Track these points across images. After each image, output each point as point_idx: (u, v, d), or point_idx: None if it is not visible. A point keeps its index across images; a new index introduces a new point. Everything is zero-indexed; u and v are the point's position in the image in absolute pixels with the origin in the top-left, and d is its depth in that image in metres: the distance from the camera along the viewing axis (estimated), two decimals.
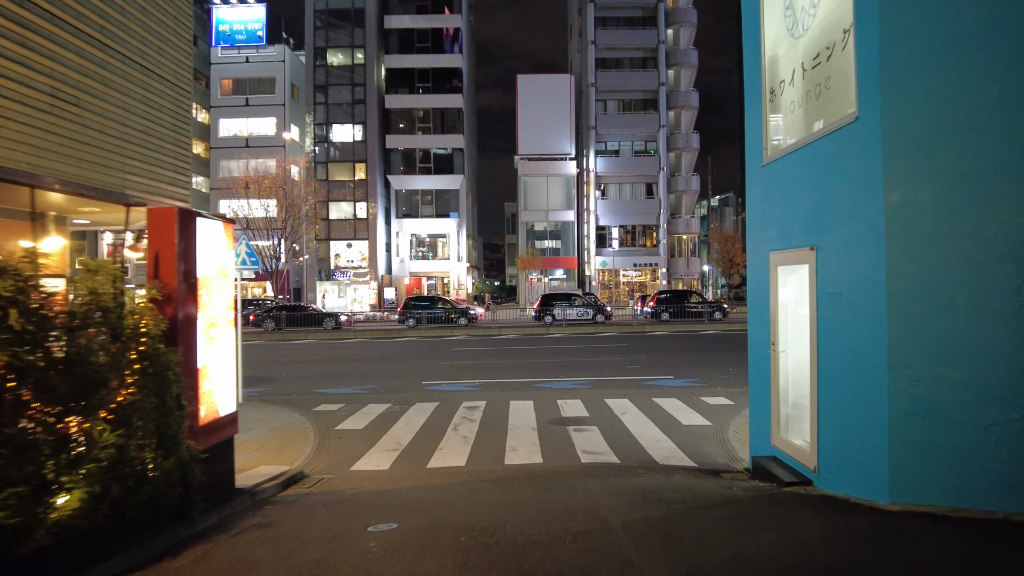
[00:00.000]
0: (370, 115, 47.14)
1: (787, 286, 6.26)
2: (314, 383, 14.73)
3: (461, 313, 30.93)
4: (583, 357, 18.26)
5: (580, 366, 16.37)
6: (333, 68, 47.91)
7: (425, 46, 47.52)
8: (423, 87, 47.25)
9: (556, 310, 30.79)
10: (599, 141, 47.95)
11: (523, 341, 23.80)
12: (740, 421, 9.30)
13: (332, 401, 12.03)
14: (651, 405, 10.86)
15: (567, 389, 12.97)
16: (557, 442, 8.32)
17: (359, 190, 47.13)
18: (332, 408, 11.24)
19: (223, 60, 47.89)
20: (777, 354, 6.25)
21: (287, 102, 47.92)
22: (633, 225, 48.35)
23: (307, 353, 21.37)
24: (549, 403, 11.25)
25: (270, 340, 26.37)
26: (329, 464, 7.64)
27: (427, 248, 48.82)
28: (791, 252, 5.97)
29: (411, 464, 7.45)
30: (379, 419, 10.14)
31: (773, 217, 6.38)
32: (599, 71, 47.87)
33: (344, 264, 47.24)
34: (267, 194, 39.26)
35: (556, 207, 47.76)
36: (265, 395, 13.20)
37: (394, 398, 12.16)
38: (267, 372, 16.76)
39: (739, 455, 7.66)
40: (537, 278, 47.45)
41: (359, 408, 11.18)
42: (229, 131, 47.94)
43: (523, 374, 15.18)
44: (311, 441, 8.71)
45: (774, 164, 6.32)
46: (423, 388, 13.61)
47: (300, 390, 13.80)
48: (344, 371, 16.62)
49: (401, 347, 22.49)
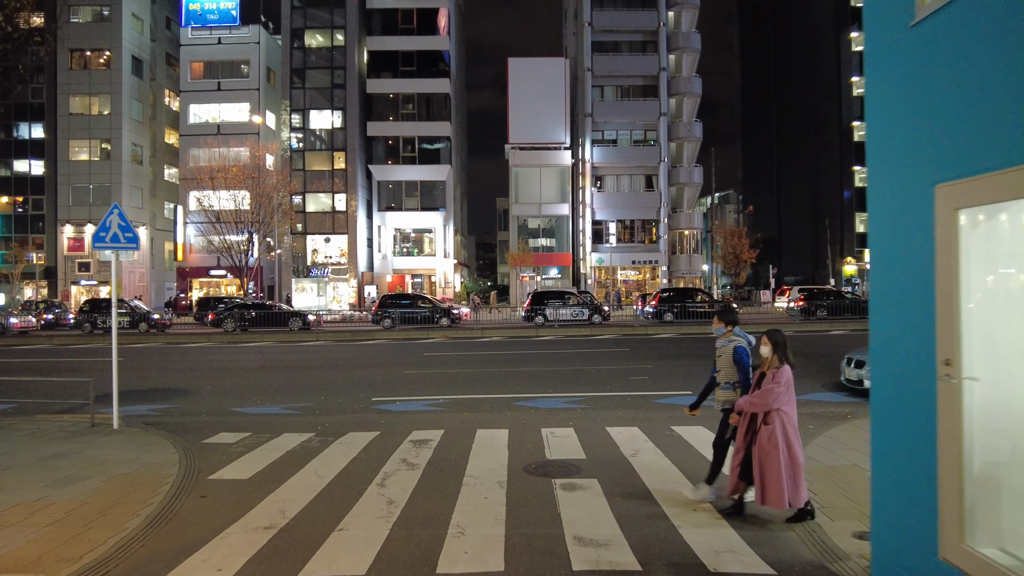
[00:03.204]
0: (350, 101, 44.01)
1: (981, 252, 3.21)
2: (238, 398, 11.65)
3: (443, 313, 27.86)
4: (577, 365, 15.19)
5: (573, 377, 13.30)
6: (311, 50, 44.79)
7: (410, 27, 44.45)
8: (408, 71, 44.16)
9: (548, 310, 27.75)
10: (595, 130, 44.93)
11: (509, 345, 20.72)
12: (811, 467, 6.25)
13: (239, 427, 8.93)
14: (671, 438, 7.80)
15: (556, 410, 9.90)
16: (535, 515, 5.23)
17: (338, 181, 43.96)
18: (230, 440, 8.14)
19: (193, 41, 44.66)
20: (959, 386, 3.18)
21: (262, 87, 44.72)
22: (631, 220, 45.32)
23: (254, 358, 18.23)
24: (530, 433, 8.18)
25: (220, 342, 23.21)
26: (146, 558, 4.54)
27: (412, 244, 45.69)
28: (994, 179, 2.92)
29: (276, 567, 4.35)
30: (281, 461, 7.04)
31: (943, 119, 3.30)
32: (596, 55, 44.85)
33: (322, 260, 44.09)
34: (237, 184, 36.13)
35: (550, 200, 44.66)
36: (162, 415, 10.12)
37: (324, 424, 9.08)
38: (191, 382, 13.66)
39: (834, 543, 4.60)
40: (530, 276, 44.36)
41: (267, 440, 8.08)
42: (200, 117, 44.71)
43: (502, 387, 12.11)
44: (154, 503, 5.62)
45: (945, 14, 3.25)
46: (370, 407, 10.53)
47: (212, 408, 10.72)
48: (284, 382, 13.51)
49: (367, 351, 19.37)
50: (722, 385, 5.60)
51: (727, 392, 5.51)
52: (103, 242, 8.37)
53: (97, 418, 9.16)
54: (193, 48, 44.63)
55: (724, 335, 5.66)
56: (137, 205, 45.35)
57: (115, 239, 8.43)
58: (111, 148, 43.62)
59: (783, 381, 4.88)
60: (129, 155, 44.38)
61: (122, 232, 8.47)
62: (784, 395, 4.87)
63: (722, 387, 5.60)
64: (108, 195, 43.32)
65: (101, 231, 8.36)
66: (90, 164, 43.52)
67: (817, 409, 9.59)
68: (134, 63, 44.97)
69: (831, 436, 7.61)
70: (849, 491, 5.62)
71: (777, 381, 4.88)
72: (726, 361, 5.53)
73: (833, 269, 53.71)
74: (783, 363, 4.97)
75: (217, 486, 6.18)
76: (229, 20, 44.80)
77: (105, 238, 8.38)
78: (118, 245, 8.48)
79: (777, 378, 4.90)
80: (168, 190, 49.48)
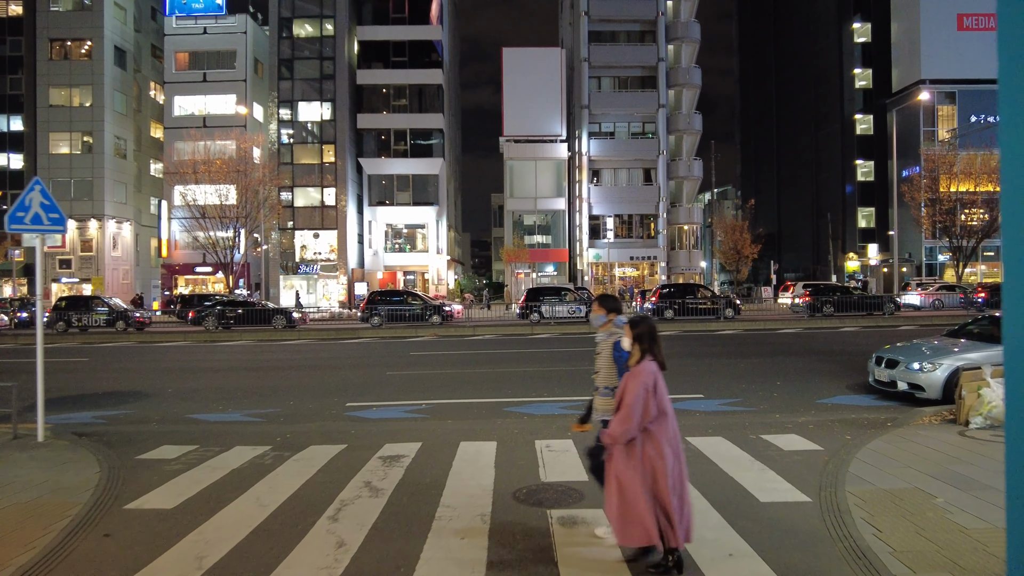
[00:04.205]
0: (340, 92, 42.70)
1: None
2: (199, 403, 10.46)
3: (435, 310, 26.64)
4: (575, 364, 14.01)
5: (570, 378, 12.12)
6: (300, 40, 43.45)
7: (401, 17, 43.17)
8: (399, 62, 42.87)
9: (544, 307, 26.56)
10: (592, 122, 43.73)
11: (502, 343, 19.53)
12: (864, 492, 5.08)
13: (188, 438, 7.72)
14: (688, 453, 6.57)
15: (551, 417, 8.72)
16: (526, 568, 4.03)
17: (328, 175, 42.66)
18: (171, 455, 6.93)
19: (178, 31, 43.23)
20: None
21: (249, 78, 43.36)
22: (629, 214, 44.15)
23: (229, 358, 17.00)
24: (522, 446, 7.00)
25: (197, 341, 21.95)
26: None
27: (403, 239, 44.43)
28: None
29: None
30: (222, 484, 5.84)
31: None
32: (593, 45, 43.62)
33: (311, 256, 42.80)
34: (220, 177, 34.83)
35: (545, 194, 43.43)
36: (107, 423, 8.92)
37: (285, 434, 7.88)
38: (154, 384, 12.43)
39: None
40: (525, 273, 43.12)
41: (214, 455, 6.88)
42: (185, 109, 43.31)
43: (492, 390, 10.93)
44: (39, 545, 4.41)
45: None
46: (342, 414, 9.34)
47: (167, 415, 9.52)
48: (254, 384, 12.30)
49: (350, 351, 18.15)
50: (601, 390, 4.35)
51: (607, 399, 4.26)
52: (21, 223, 7.12)
53: (22, 428, 7.92)
54: (178, 38, 43.23)
55: (604, 326, 4.35)
56: (121, 200, 44.00)
57: (36, 220, 7.18)
58: (93, 141, 42.23)
59: (638, 390, 3.68)
60: (112, 149, 43.00)
61: (45, 212, 7.22)
62: (639, 406, 3.68)
63: (601, 392, 4.35)
64: (90, 190, 41.97)
65: (19, 210, 7.12)
66: (71, 158, 42.13)
67: (848, 415, 8.44)
68: (117, 54, 43.58)
69: (875, 450, 6.44)
70: (923, 526, 4.44)
71: (630, 391, 3.71)
72: (605, 360, 4.31)
73: (835, 265, 52.63)
74: (646, 358, 3.82)
75: (130, 519, 4.97)
76: (215, 9, 43.44)
77: (24, 218, 7.14)
78: (40, 227, 7.24)
79: (631, 386, 3.72)
80: (154, 185, 48.06)
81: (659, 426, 3.76)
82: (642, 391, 3.69)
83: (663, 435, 3.76)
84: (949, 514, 4.64)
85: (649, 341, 3.84)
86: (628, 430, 3.70)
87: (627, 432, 3.71)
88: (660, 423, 3.77)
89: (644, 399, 3.70)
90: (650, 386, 3.72)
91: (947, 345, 9.65)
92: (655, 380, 3.76)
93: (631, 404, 3.68)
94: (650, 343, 3.84)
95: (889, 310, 26.73)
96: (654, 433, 3.75)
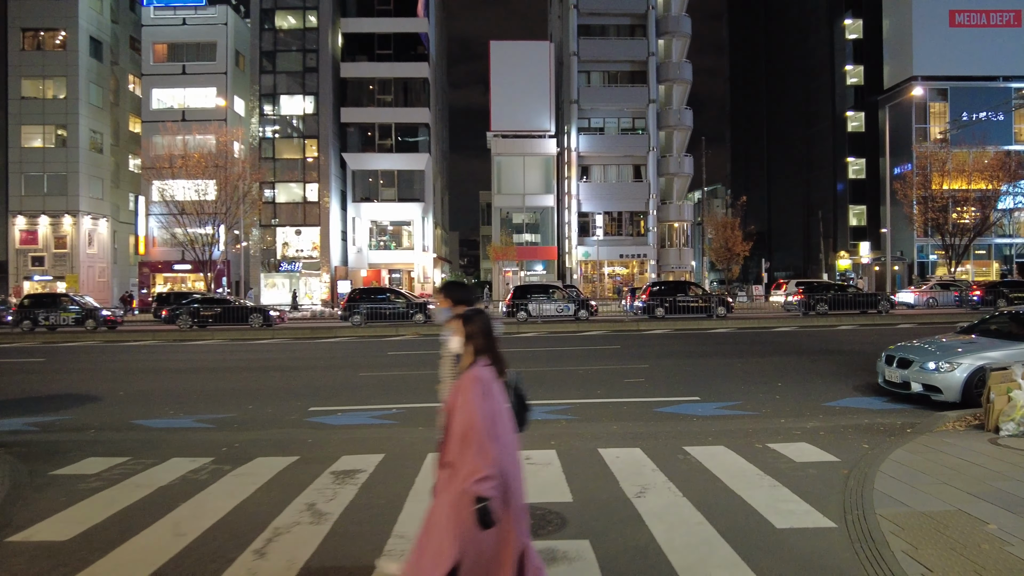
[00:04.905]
0: (323, 85, 41.63)
1: None
2: (150, 407, 9.53)
3: (419, 308, 25.68)
4: (562, 365, 13.17)
5: (558, 379, 11.27)
6: (282, 32, 42.33)
7: (386, 9, 42.12)
8: (384, 55, 41.81)
9: (531, 305, 25.73)
10: (582, 117, 42.91)
11: None
12: (899, 516, 4.26)
13: (122, 448, 6.82)
14: (687, 466, 5.78)
15: (535, 423, 7.83)
16: None
17: (310, 170, 41.56)
18: (93, 469, 6.02)
19: (156, 22, 41.91)
20: None
21: (230, 70, 42.14)
22: (619, 211, 43.36)
23: (196, 358, 16.01)
24: None
25: (167, 340, 20.90)
26: None
27: (388, 237, 43.42)
28: None
29: None
30: (140, 506, 4.94)
31: None
32: (582, 39, 42.79)
33: (293, 254, 41.69)
34: (199, 172, 33.69)
35: (534, 191, 42.55)
36: (39, 430, 8.02)
37: (234, 443, 6.99)
38: (108, 386, 11.46)
39: None
40: (513, 271, 42.22)
41: (144, 469, 5.98)
42: (163, 102, 42.03)
43: None
44: None
45: None
46: (302, 420, 8.43)
47: (110, 421, 8.59)
48: (214, 387, 11.36)
49: (324, 350, 17.21)
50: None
51: None
52: None
53: None
54: (156, 29, 41.93)
55: (452, 321, 3.14)
56: (97, 196, 42.62)
57: None
58: (67, 135, 40.81)
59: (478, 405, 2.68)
60: (87, 142, 41.63)
61: None
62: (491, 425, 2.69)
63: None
64: (64, 184, 40.59)
65: None
66: (44, 151, 40.72)
67: (861, 419, 7.66)
68: (93, 44, 42.21)
69: (901, 461, 5.63)
70: (980, 563, 3.61)
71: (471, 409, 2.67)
72: (451, 364, 3.25)
73: (826, 263, 52.15)
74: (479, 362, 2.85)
75: (11, 555, 4.06)
76: (195, 0, 42.22)
77: None
78: None
79: (469, 403, 2.69)
80: (133, 181, 46.65)
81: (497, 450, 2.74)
82: (483, 405, 2.68)
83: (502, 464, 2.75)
84: (1009, 546, 3.82)
85: (484, 340, 2.89)
86: (493, 463, 2.62)
87: (495, 464, 2.63)
88: (498, 446, 2.75)
89: (492, 414, 2.69)
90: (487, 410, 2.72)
91: (963, 343, 8.88)
92: (491, 390, 2.78)
93: (480, 428, 2.64)
94: (485, 342, 2.89)
95: (884, 308, 26.11)
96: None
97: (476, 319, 2.93)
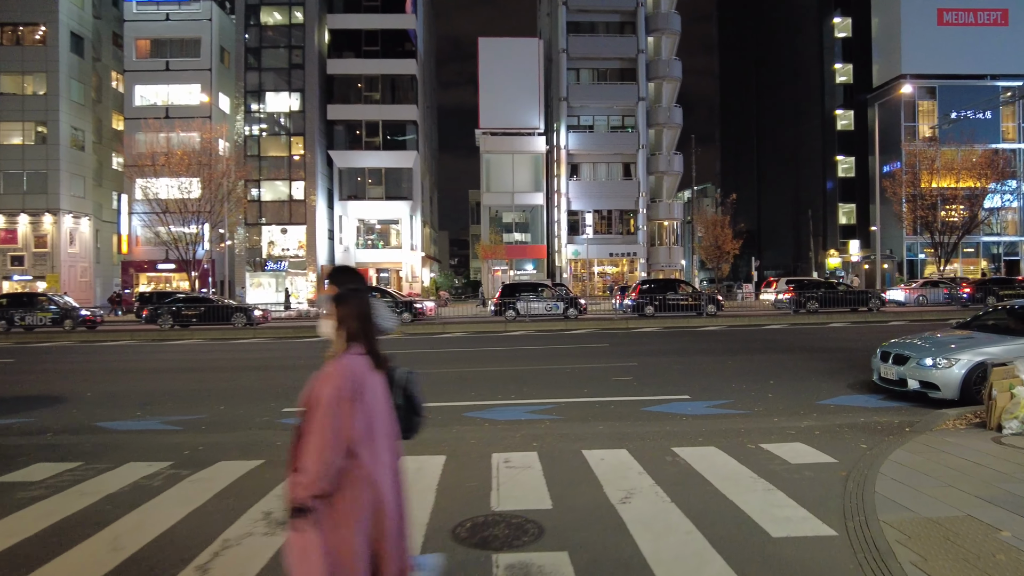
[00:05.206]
0: (309, 82, 41.09)
1: None
2: (117, 408, 9.10)
3: (405, 307, 25.29)
4: (549, 363, 12.82)
5: (544, 377, 10.92)
6: (268, 28, 41.76)
7: (374, 4, 41.62)
8: (371, 51, 41.30)
9: (520, 303, 25.37)
10: (571, 115, 42.60)
11: (472, 341, 18.27)
12: (904, 522, 3.92)
13: (77, 453, 6.41)
14: (677, 468, 5.43)
15: (517, 423, 7.50)
16: None
17: (297, 168, 40.99)
18: (39, 476, 5.61)
19: (139, 17, 41.20)
20: None
21: (214, 67, 41.49)
22: (609, 210, 43.08)
23: (171, 358, 15.53)
24: (477, 460, 5.77)
25: (145, 340, 20.38)
26: None
27: (376, 235, 42.92)
28: None
29: None
30: (80, 516, 4.54)
31: None
32: (571, 36, 42.48)
33: (279, 253, 41.11)
34: (183, 170, 33.10)
35: (523, 188, 42.19)
36: None
37: (198, 446, 6.59)
38: (75, 387, 10.99)
39: None
40: (503, 270, 41.84)
41: (94, 475, 5.58)
42: (146, 99, 41.32)
43: (454, 392, 9.68)
44: None
45: None
46: (274, 422, 8.02)
47: (72, 423, 8.17)
48: (187, 387, 10.91)
49: (304, 350, 16.77)
50: None
51: None
52: None
53: None
54: (138, 24, 41.20)
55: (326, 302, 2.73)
56: (79, 194, 41.86)
57: None
58: (47, 132, 40.05)
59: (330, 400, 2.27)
60: (68, 139, 40.88)
61: None
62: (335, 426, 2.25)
63: None
64: (44, 182, 39.82)
65: None
66: (24, 148, 39.91)
67: (856, 418, 7.35)
68: (73, 40, 41.44)
69: (901, 462, 5.31)
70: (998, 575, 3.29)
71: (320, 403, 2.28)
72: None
73: (816, 262, 52.11)
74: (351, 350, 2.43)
75: None
76: None
77: None
78: None
79: (321, 394, 2.30)
80: (116, 179, 45.82)
81: (368, 458, 2.33)
82: (334, 401, 2.28)
83: (375, 476, 2.35)
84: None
85: (359, 325, 2.48)
86: (326, 470, 2.23)
87: (326, 472, 2.23)
88: (369, 453, 2.34)
89: (339, 414, 2.27)
90: (349, 393, 2.30)
91: (961, 339, 8.60)
92: (362, 384, 2.36)
93: (325, 425, 2.25)
94: (361, 328, 2.48)
95: (875, 305, 25.95)
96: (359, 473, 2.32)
97: (352, 299, 2.51)
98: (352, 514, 2.28)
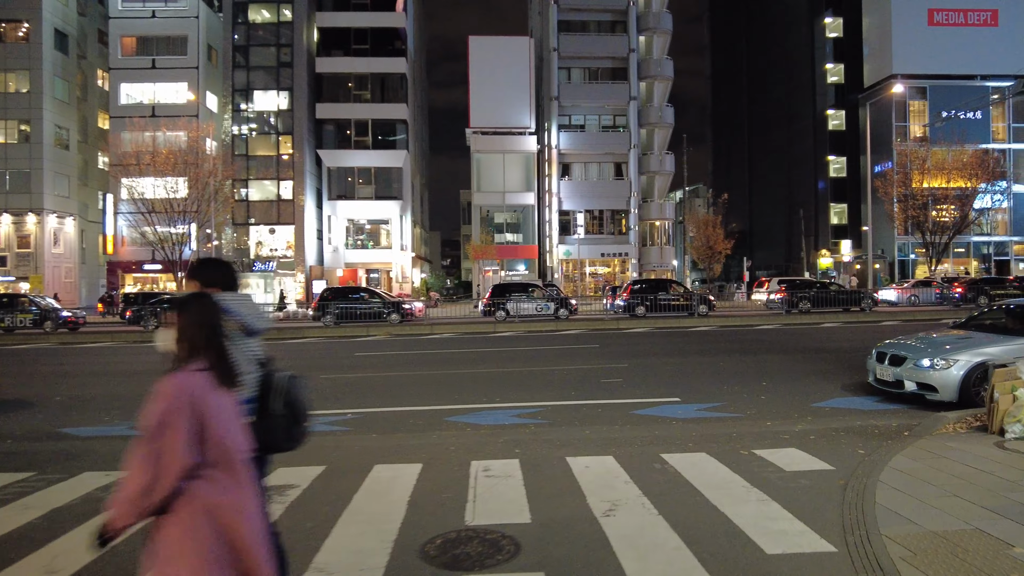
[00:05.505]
0: (298, 80, 40.64)
1: None
2: (86, 414, 8.76)
3: (394, 308, 24.89)
4: (538, 365, 12.51)
5: (531, 380, 10.61)
6: (256, 26, 41.30)
7: (363, 2, 41.26)
8: (361, 49, 40.91)
9: (510, 304, 25.03)
10: (562, 114, 42.32)
11: (461, 342, 17.93)
12: (909, 537, 3.63)
13: (30, 462, 6.05)
14: (665, 477, 5.13)
15: (500, 428, 7.19)
16: None
17: (285, 167, 40.52)
18: None
19: (125, 14, 40.58)
20: None
21: (202, 65, 40.95)
22: (600, 210, 42.84)
23: (149, 361, 15.09)
24: (454, 469, 5.45)
25: (125, 342, 19.96)
26: None
27: (366, 236, 42.49)
28: None
29: None
30: (17, 535, 4.20)
31: None
32: (562, 35, 42.20)
33: (267, 253, 40.62)
34: (169, 169, 32.59)
35: (514, 188, 41.88)
36: None
37: None
38: (44, 391, 10.61)
39: None
40: (494, 270, 41.49)
41: (44, 487, 5.23)
42: (132, 97, 40.72)
43: (437, 395, 9.34)
44: None
45: None
46: None
47: (35, 429, 7.82)
48: None
49: (288, 352, 16.38)
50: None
51: None
52: None
53: None
54: (124, 21, 40.60)
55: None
56: (63, 194, 41.23)
57: None
58: (31, 130, 39.40)
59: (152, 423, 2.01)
60: (52, 138, 40.25)
61: None
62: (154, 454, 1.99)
63: None
64: (28, 182, 39.17)
65: None
66: (6, 147, 39.23)
67: (852, 421, 7.08)
68: (58, 37, 40.82)
69: (902, 469, 5.03)
70: None
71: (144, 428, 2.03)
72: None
73: (808, 262, 52.05)
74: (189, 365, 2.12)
75: None
76: None
77: None
78: None
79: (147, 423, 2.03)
80: (102, 178, 45.20)
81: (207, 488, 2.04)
82: (156, 426, 2.00)
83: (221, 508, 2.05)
84: None
85: (203, 336, 2.15)
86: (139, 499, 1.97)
87: (139, 503, 1.97)
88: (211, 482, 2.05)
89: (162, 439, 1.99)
90: (177, 416, 2.00)
91: (958, 339, 8.35)
92: (200, 405, 2.05)
93: (142, 453, 2.00)
94: (205, 339, 2.15)
95: (867, 305, 25.79)
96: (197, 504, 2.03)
97: (194, 306, 2.19)
98: (188, 547, 1.99)
